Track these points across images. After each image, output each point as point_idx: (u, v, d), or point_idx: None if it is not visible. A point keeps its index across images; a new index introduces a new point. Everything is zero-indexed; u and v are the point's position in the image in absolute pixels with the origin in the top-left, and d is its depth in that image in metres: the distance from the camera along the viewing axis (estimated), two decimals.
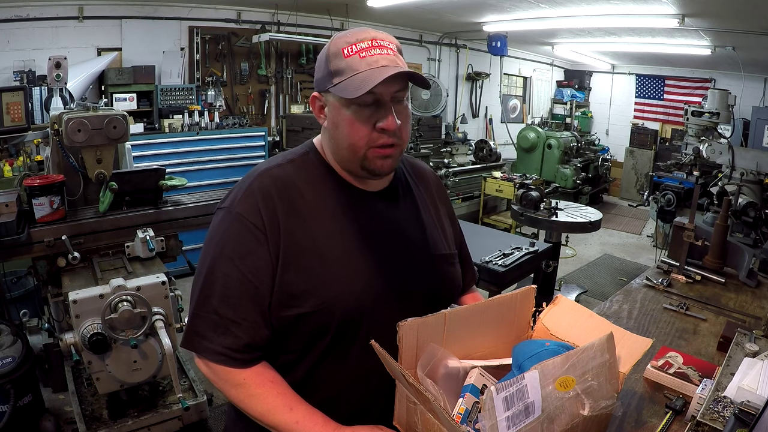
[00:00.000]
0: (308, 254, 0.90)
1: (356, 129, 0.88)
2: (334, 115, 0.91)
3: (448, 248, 1.10)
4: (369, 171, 0.93)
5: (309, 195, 0.94)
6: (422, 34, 6.97)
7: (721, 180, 4.01)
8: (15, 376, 2.08)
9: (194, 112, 4.61)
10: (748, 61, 6.30)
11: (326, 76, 0.89)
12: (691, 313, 1.72)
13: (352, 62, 0.85)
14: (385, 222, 1.00)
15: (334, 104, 0.90)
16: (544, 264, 2.96)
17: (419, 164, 1.19)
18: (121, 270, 2.22)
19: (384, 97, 0.87)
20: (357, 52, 0.86)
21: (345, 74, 0.86)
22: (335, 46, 0.88)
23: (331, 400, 0.94)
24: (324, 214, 0.94)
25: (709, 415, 1.05)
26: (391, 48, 0.89)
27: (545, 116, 9.61)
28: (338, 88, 0.86)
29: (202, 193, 2.92)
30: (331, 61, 0.88)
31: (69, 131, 2.08)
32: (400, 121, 0.89)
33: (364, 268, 0.94)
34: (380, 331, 0.88)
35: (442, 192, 1.19)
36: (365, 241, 0.96)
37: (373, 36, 0.88)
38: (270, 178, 0.94)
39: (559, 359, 0.79)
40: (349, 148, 0.91)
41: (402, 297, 0.97)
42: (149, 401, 2.31)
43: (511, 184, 5.60)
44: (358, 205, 0.98)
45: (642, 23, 5.06)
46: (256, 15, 5.37)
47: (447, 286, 1.08)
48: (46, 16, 4.14)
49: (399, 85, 0.88)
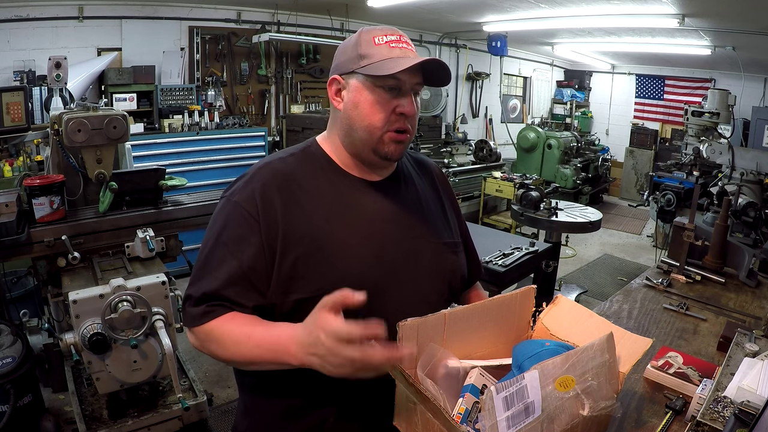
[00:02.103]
0: (307, 242, 0.92)
1: (377, 110, 0.94)
2: (354, 96, 0.96)
3: (452, 237, 1.11)
4: (381, 155, 0.97)
5: (308, 185, 0.97)
6: (422, 34, 6.97)
7: (721, 180, 4.01)
8: (15, 376, 2.08)
9: (194, 112, 4.61)
10: (748, 61, 6.30)
11: (353, 58, 0.95)
12: (691, 313, 1.72)
13: (382, 49, 0.93)
14: (385, 210, 1.01)
15: (356, 86, 0.95)
16: (544, 264, 2.96)
17: (423, 157, 1.22)
18: (121, 270, 2.22)
19: (406, 85, 0.94)
20: (387, 42, 0.94)
21: (375, 58, 0.92)
22: (366, 35, 0.95)
23: (333, 387, 0.93)
24: (323, 204, 0.97)
25: (709, 415, 1.05)
26: (413, 49, 0.98)
27: (545, 116, 9.61)
28: (368, 68, 0.92)
29: (202, 193, 2.92)
30: (361, 46, 0.95)
31: (69, 131, 2.08)
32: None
33: (363, 255, 0.95)
34: (381, 317, 0.88)
35: (446, 184, 1.21)
36: (365, 228, 0.97)
37: (400, 32, 0.97)
38: (270, 170, 0.98)
39: (559, 359, 0.80)
40: (367, 129, 0.95)
41: (403, 284, 0.98)
42: (149, 401, 2.31)
43: (511, 184, 5.60)
44: (359, 193, 1.00)
45: (642, 23, 5.06)
46: (256, 15, 5.37)
47: (451, 274, 1.08)
48: (46, 16, 4.14)
49: (419, 78, 0.95)
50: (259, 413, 1.03)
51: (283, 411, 0.99)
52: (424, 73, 0.96)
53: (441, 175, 1.22)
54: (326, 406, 0.96)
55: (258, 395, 1.03)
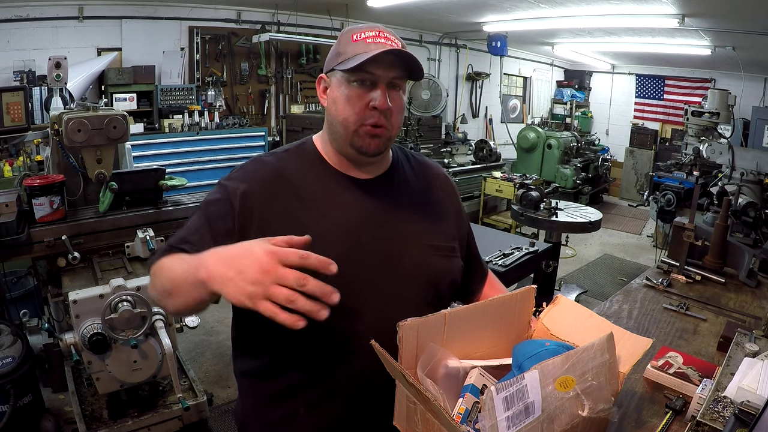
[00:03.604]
0: (281, 233, 0.90)
1: (351, 105, 0.94)
2: (332, 92, 0.98)
3: (444, 241, 1.08)
4: (357, 149, 0.97)
5: (294, 180, 0.99)
6: (422, 34, 6.98)
7: (721, 180, 4.01)
8: (15, 376, 2.08)
9: (194, 112, 4.62)
10: (748, 61, 6.30)
11: (333, 57, 0.97)
12: (691, 313, 1.72)
13: (359, 45, 0.93)
14: (369, 208, 1.00)
15: (336, 82, 0.97)
16: (544, 264, 2.96)
17: (429, 162, 1.19)
18: (121, 270, 2.22)
19: (381, 79, 0.93)
20: (364, 38, 0.94)
21: (350, 54, 0.93)
22: (347, 34, 0.97)
23: (304, 380, 0.97)
24: (305, 198, 0.98)
25: (709, 415, 1.05)
26: (397, 42, 0.95)
27: (545, 116, 9.62)
28: (342, 64, 0.94)
29: (202, 193, 2.92)
30: (340, 44, 0.97)
31: (69, 131, 2.08)
32: (392, 105, 0.94)
33: (338, 250, 0.92)
34: (356, 315, 0.92)
35: (450, 189, 1.18)
36: (344, 224, 0.97)
37: (381, 29, 0.96)
38: (261, 163, 1.03)
39: (559, 359, 0.79)
40: (342, 123, 0.96)
41: (383, 284, 0.97)
42: (149, 401, 2.31)
43: (511, 184, 5.60)
44: (345, 190, 1.01)
45: (642, 23, 5.06)
46: (256, 15, 5.38)
47: (437, 278, 1.05)
48: (46, 16, 4.15)
49: (397, 72, 0.94)
50: (246, 396, 1.08)
51: (268, 396, 1.02)
52: (399, 53, 0.93)
53: (446, 180, 1.18)
54: (305, 393, 0.98)
55: (245, 378, 1.07)
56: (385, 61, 0.92)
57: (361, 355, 0.91)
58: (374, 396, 0.96)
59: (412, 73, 0.97)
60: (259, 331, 0.98)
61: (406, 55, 0.93)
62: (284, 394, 0.99)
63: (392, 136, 0.99)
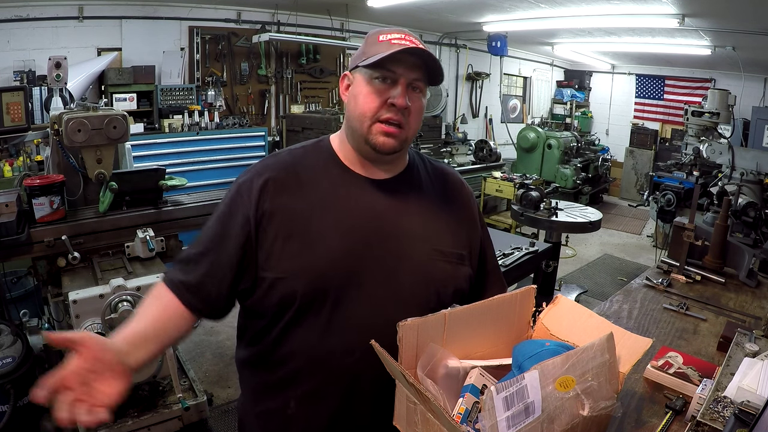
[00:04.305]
0: (286, 225, 0.96)
1: (369, 100, 0.96)
2: (354, 88, 1.00)
3: (452, 247, 1.06)
4: (371, 146, 0.98)
5: (306, 176, 1.01)
6: (422, 34, 6.97)
7: (721, 180, 4.01)
8: (15, 376, 2.07)
9: (194, 112, 4.61)
10: (748, 61, 6.30)
11: (359, 55, 1.00)
12: (691, 313, 1.72)
13: (383, 45, 0.96)
14: (381, 208, 1.01)
15: (358, 79, 0.99)
16: (544, 264, 2.96)
17: (445, 168, 1.19)
18: (121, 270, 2.22)
19: (401, 78, 0.95)
20: (390, 39, 0.97)
21: (374, 53, 0.96)
22: (374, 35, 1.00)
23: (298, 372, 0.98)
24: (314, 193, 0.99)
25: (709, 415, 1.05)
26: (421, 47, 0.97)
27: (545, 116, 9.62)
28: (365, 60, 0.96)
29: (202, 193, 2.92)
30: (366, 44, 1.00)
31: (69, 131, 2.08)
32: (411, 105, 0.96)
33: (340, 246, 0.96)
34: (351, 313, 0.94)
35: (466, 197, 1.16)
36: (349, 221, 0.98)
37: (407, 33, 0.99)
38: (274, 158, 1.07)
39: (559, 359, 0.79)
40: (359, 118, 0.98)
41: (383, 282, 0.97)
42: (149, 401, 2.31)
43: (511, 184, 5.59)
44: (354, 188, 1.01)
45: (642, 23, 5.06)
46: (256, 15, 5.37)
47: (440, 282, 1.03)
48: (46, 16, 4.14)
49: (418, 74, 0.96)
50: (245, 388, 1.11)
51: (262, 385, 1.04)
52: (421, 53, 0.95)
53: (462, 188, 1.17)
54: (297, 385, 0.99)
55: (245, 369, 1.09)
56: (408, 62, 0.94)
57: (357, 352, 0.93)
58: (367, 397, 0.97)
59: (433, 77, 0.99)
60: (262, 319, 1.00)
61: (429, 58, 0.96)
62: (277, 385, 1.01)
63: (408, 137, 1.00)
